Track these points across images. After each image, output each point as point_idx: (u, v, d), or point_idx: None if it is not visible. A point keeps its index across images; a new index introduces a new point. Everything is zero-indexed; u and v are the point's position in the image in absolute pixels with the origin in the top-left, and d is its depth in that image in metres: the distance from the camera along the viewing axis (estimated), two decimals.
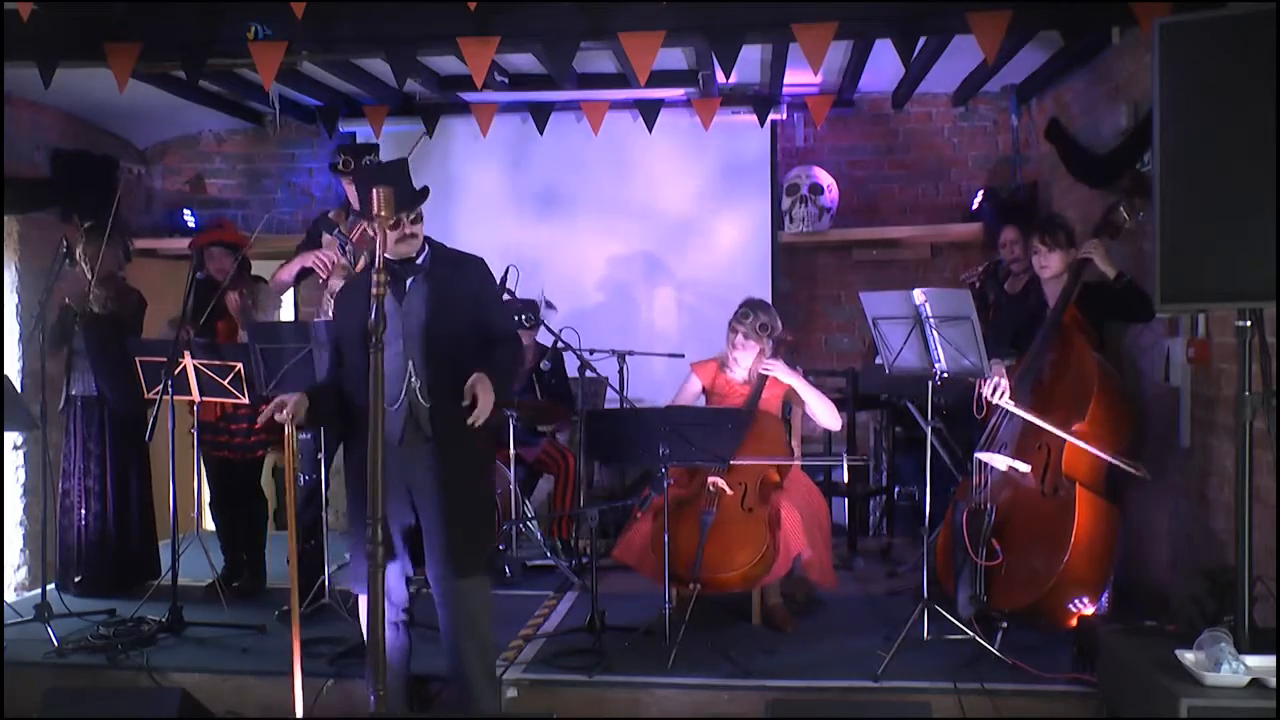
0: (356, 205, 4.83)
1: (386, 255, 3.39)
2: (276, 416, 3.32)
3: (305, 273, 4.95)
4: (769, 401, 4.64)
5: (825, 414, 4.63)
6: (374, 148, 4.99)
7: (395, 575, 3.46)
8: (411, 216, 3.39)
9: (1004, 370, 4.18)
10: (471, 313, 3.47)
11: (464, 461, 3.45)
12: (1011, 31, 4.37)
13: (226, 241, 5.26)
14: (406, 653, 3.57)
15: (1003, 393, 4.13)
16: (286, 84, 5.96)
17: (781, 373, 4.59)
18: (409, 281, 3.45)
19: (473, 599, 3.45)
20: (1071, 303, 4.29)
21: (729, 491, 4.43)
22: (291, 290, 6.77)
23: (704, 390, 4.77)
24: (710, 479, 4.46)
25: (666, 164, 6.73)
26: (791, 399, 4.71)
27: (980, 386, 4.16)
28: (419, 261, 3.46)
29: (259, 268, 5.72)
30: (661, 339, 6.22)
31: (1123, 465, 3.97)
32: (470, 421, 3.25)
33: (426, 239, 3.51)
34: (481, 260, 3.62)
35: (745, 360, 4.66)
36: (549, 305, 5.87)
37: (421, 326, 3.40)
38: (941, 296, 3.98)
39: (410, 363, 3.39)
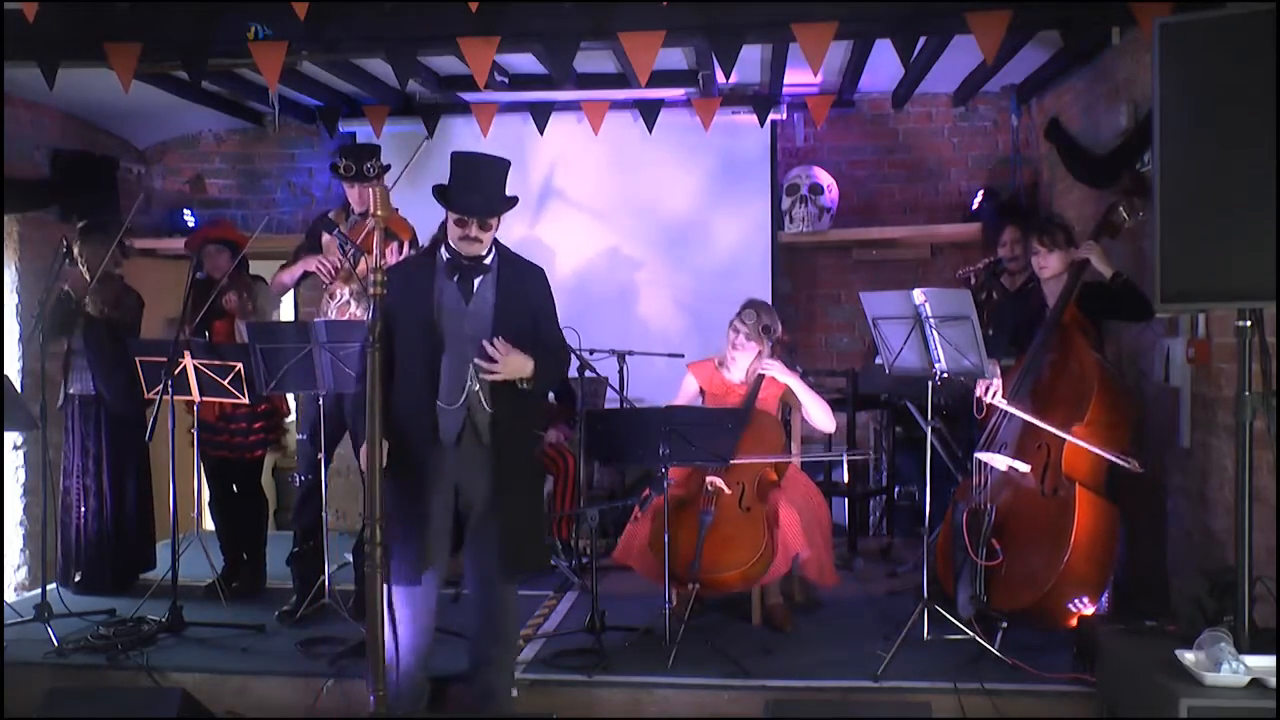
0: (357, 207, 4.82)
1: (459, 252, 3.38)
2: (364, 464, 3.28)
3: (306, 275, 4.95)
4: (766, 401, 4.64)
5: (821, 415, 4.63)
6: (376, 149, 4.97)
7: (430, 580, 3.42)
8: (485, 222, 3.35)
9: (999, 371, 4.20)
10: (531, 321, 3.44)
11: (519, 468, 3.44)
12: (1011, 31, 4.36)
13: (223, 239, 5.26)
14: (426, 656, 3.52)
15: (995, 392, 4.16)
16: (286, 84, 5.96)
17: (779, 372, 4.59)
18: (477, 281, 3.41)
19: (509, 603, 3.47)
20: (1071, 302, 4.29)
21: (727, 491, 4.43)
22: (292, 290, 6.77)
23: (701, 391, 4.77)
24: (708, 478, 4.46)
25: (667, 164, 6.72)
26: (788, 399, 4.71)
27: (978, 388, 4.19)
28: (487, 261, 3.43)
29: (259, 268, 5.72)
30: (661, 339, 6.22)
31: (1117, 460, 3.96)
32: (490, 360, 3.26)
33: (496, 242, 3.48)
34: (544, 271, 3.60)
35: (743, 361, 4.67)
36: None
37: (489, 329, 3.36)
38: (941, 296, 3.98)
39: (473, 365, 3.35)
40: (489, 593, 3.45)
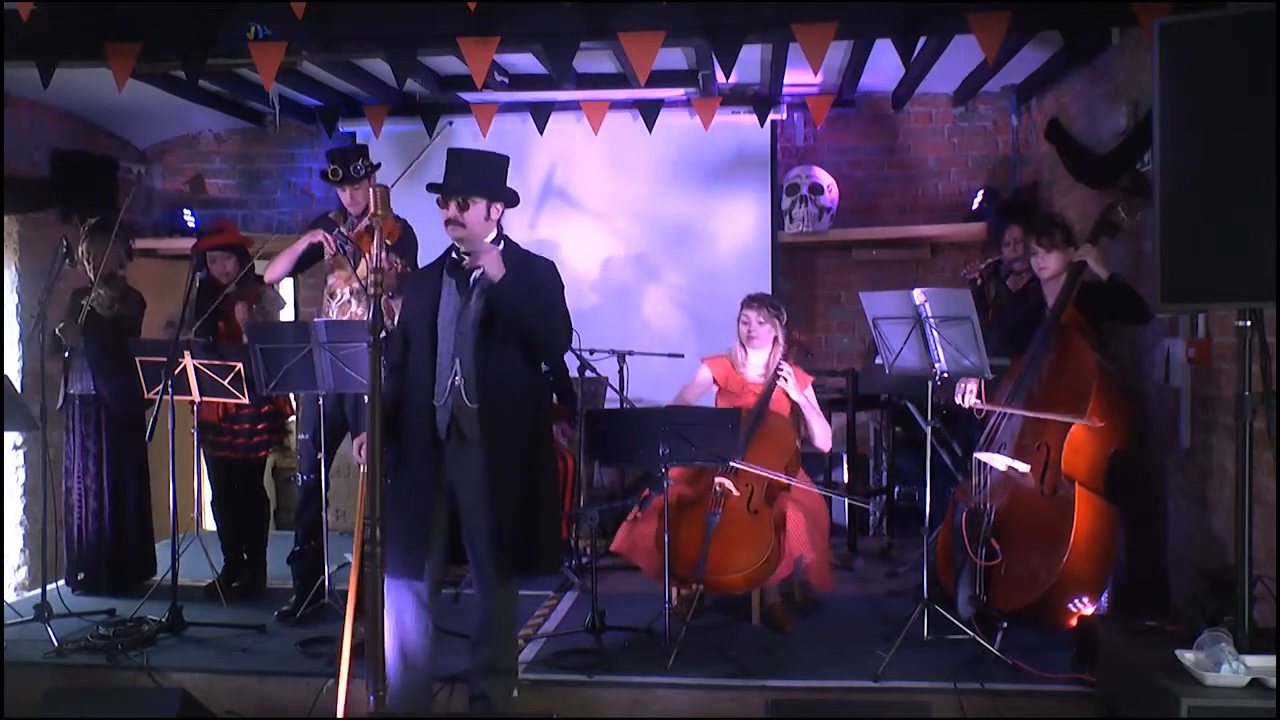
0: (351, 209, 4.82)
1: (460, 248, 3.41)
2: (356, 460, 3.41)
3: (304, 264, 4.93)
4: (779, 403, 4.65)
5: (820, 434, 4.70)
6: (363, 149, 4.97)
7: (427, 577, 3.44)
8: (463, 203, 3.33)
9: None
10: (524, 310, 3.32)
11: (510, 465, 3.36)
12: (1011, 31, 4.37)
13: (229, 245, 5.26)
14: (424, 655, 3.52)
15: (972, 393, 4.25)
16: (286, 84, 5.96)
17: (792, 390, 4.62)
18: (473, 277, 3.42)
19: (504, 605, 3.47)
20: (1071, 303, 4.29)
21: (735, 493, 4.43)
22: (293, 290, 6.76)
23: (715, 383, 4.77)
24: (717, 480, 4.46)
25: (666, 164, 6.73)
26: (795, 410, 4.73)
27: (956, 394, 4.27)
28: None
29: (259, 268, 5.72)
30: (661, 339, 6.22)
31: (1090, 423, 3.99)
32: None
33: (505, 239, 3.48)
34: (551, 264, 3.52)
35: (758, 357, 4.67)
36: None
37: (475, 325, 3.36)
38: (941, 296, 3.98)
39: (457, 361, 3.36)
40: (484, 594, 3.45)
